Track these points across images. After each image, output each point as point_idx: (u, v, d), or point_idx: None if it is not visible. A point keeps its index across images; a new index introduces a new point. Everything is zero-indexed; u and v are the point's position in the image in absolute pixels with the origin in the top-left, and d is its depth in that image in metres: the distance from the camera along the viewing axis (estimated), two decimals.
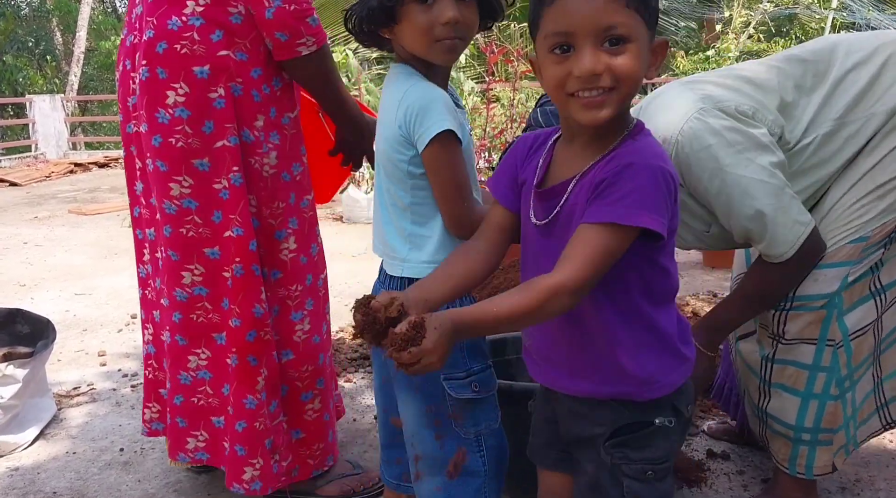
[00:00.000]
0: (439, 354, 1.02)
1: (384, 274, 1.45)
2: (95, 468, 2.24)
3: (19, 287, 4.29)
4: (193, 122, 1.70)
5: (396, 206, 1.38)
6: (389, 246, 1.40)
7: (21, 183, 8.96)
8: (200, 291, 1.80)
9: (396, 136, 1.32)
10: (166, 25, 1.69)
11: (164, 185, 1.74)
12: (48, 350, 2.46)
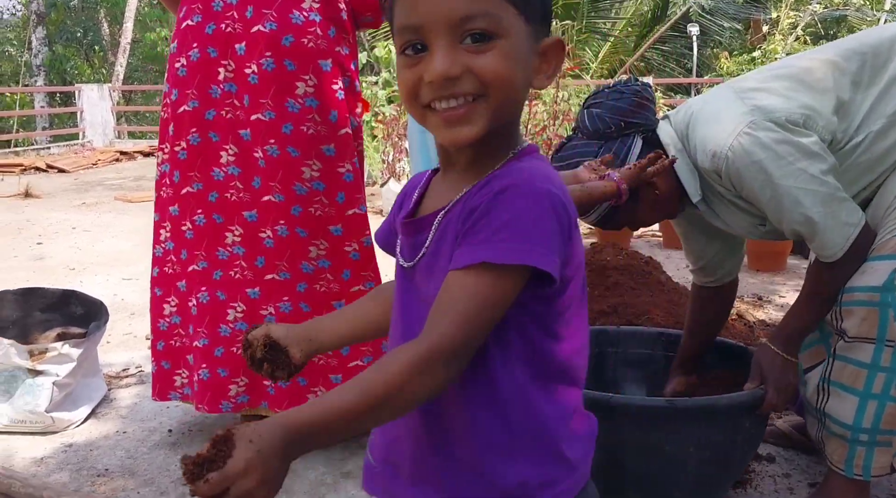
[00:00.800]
0: (260, 477, 0.71)
1: None
2: (145, 448, 2.29)
3: (69, 271, 4.40)
4: (322, 112, 1.94)
5: None
6: None
7: (69, 170, 9.17)
8: (324, 264, 2.03)
9: None
10: (289, 19, 1.88)
11: (295, 168, 1.95)
12: (101, 331, 2.53)
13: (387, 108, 7.33)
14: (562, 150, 1.80)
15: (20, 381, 2.32)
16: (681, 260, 4.24)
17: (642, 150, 1.72)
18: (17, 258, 4.69)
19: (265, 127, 1.94)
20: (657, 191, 1.72)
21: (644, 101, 1.74)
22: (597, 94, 1.80)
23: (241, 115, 1.97)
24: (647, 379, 2.19)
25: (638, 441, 1.66)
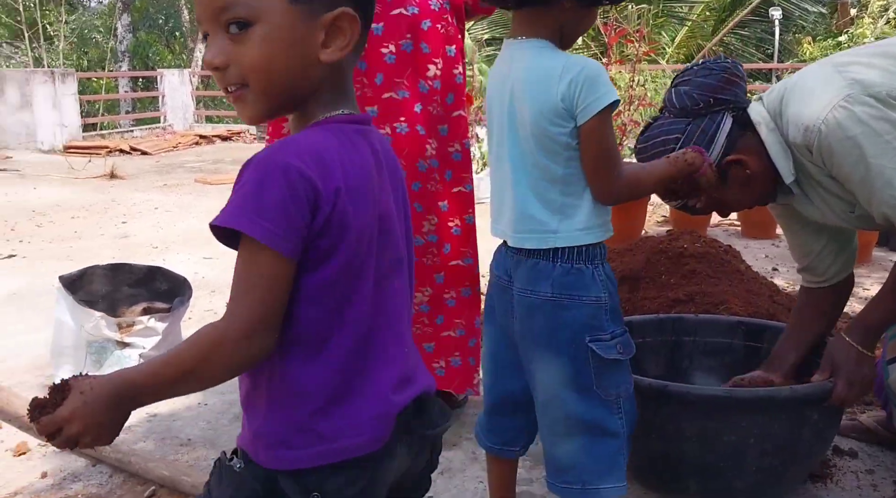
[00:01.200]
0: (85, 424, 0.82)
1: (514, 251, 1.46)
2: (225, 420, 2.37)
3: (152, 249, 4.57)
4: (443, 93, 2.07)
5: (544, 179, 1.39)
6: (534, 220, 1.41)
7: (151, 152, 9.49)
8: (432, 239, 2.15)
9: (557, 108, 1.33)
10: (429, 5, 2.03)
11: (421, 146, 2.06)
12: (185, 307, 2.62)
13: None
14: (647, 130, 1.75)
15: (109, 352, 2.43)
16: (759, 250, 4.14)
17: (732, 129, 1.65)
18: (104, 236, 4.89)
19: (397, 105, 2.03)
20: (748, 170, 1.66)
21: (734, 78, 1.67)
22: (685, 72, 1.74)
23: (370, 93, 2.03)
24: (724, 368, 2.15)
25: (697, 430, 1.64)
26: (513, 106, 1.40)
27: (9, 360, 2.84)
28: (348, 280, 0.92)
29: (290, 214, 0.84)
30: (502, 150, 1.45)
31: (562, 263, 1.40)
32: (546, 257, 1.40)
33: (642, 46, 5.89)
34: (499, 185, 1.49)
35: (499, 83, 1.44)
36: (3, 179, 7.27)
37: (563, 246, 1.39)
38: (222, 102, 19.27)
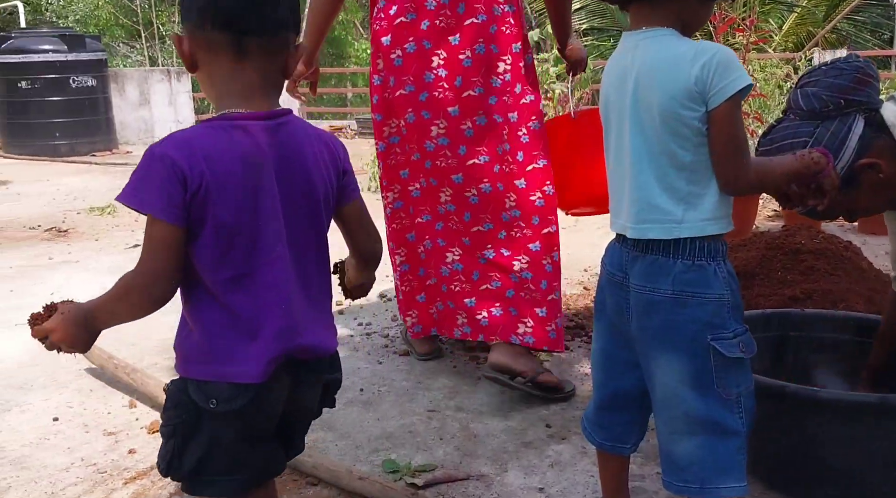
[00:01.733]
0: (62, 335, 1.19)
1: (631, 246, 1.46)
2: (340, 404, 2.45)
3: None
4: (513, 85, 2.35)
5: (672, 167, 1.38)
6: (658, 210, 1.40)
7: None
8: (516, 214, 2.41)
9: (690, 91, 1.33)
10: (493, 11, 2.30)
11: (498, 132, 2.37)
12: None
13: (557, 85, 7.28)
14: (771, 133, 1.70)
15: None
16: (878, 246, 3.96)
17: (864, 132, 1.59)
18: None
19: (474, 101, 2.35)
20: (881, 174, 1.59)
21: (866, 78, 1.61)
22: (812, 72, 1.68)
23: (451, 95, 2.35)
24: (833, 364, 2.09)
25: (844, 436, 1.60)
26: (637, 94, 1.40)
27: (140, 342, 3.04)
28: (223, 244, 1.19)
29: (169, 192, 1.13)
30: (622, 142, 1.45)
31: (683, 259, 1.39)
32: (666, 253, 1.40)
33: (751, 35, 5.70)
34: (617, 178, 1.49)
35: (619, 75, 1.45)
36: (126, 173, 7.69)
37: (687, 236, 1.38)
38: (323, 99, 19.81)
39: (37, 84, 8.99)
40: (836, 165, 1.53)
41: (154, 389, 2.45)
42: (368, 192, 6.41)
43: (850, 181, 1.59)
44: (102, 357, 2.68)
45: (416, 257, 2.60)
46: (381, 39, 2.38)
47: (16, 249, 4.60)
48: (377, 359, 2.84)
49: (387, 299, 3.54)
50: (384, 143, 2.54)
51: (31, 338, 1.24)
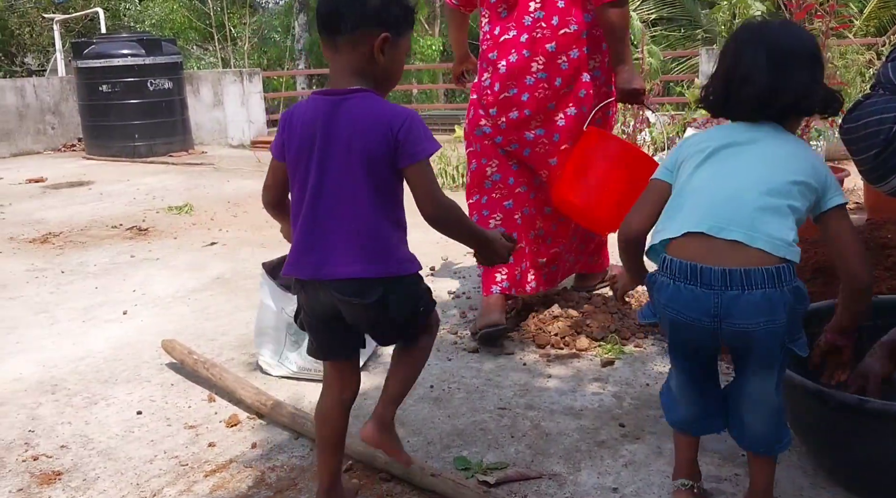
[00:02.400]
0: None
1: (723, 284, 1.53)
2: (411, 400, 2.48)
3: None
4: (605, 78, 3.01)
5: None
6: (769, 236, 1.53)
7: None
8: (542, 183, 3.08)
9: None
10: (583, 19, 2.85)
11: (583, 121, 2.93)
12: None
13: None
14: (857, 109, 1.64)
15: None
16: None
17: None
18: None
19: (568, 96, 2.91)
20: None
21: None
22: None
23: (551, 93, 2.89)
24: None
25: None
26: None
27: (218, 338, 3.13)
28: (290, 176, 1.71)
29: (277, 140, 1.73)
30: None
31: (788, 287, 1.51)
32: (772, 284, 1.50)
33: (831, 21, 5.48)
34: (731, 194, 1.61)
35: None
36: (201, 173, 7.93)
37: (794, 261, 1.53)
38: (388, 96, 19.86)
39: (117, 87, 9.32)
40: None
41: (232, 383, 2.51)
42: None
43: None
44: (183, 352, 2.76)
45: (513, 223, 3.04)
46: (490, 54, 2.95)
47: (100, 247, 4.79)
48: (447, 356, 2.85)
49: (455, 296, 3.55)
50: (479, 131, 3.05)
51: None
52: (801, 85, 1.55)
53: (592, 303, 3.22)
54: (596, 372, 2.64)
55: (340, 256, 1.64)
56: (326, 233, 1.65)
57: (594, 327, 2.97)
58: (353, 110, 1.63)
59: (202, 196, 6.47)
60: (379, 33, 1.63)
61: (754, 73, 1.57)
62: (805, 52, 1.57)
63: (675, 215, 1.63)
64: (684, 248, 1.57)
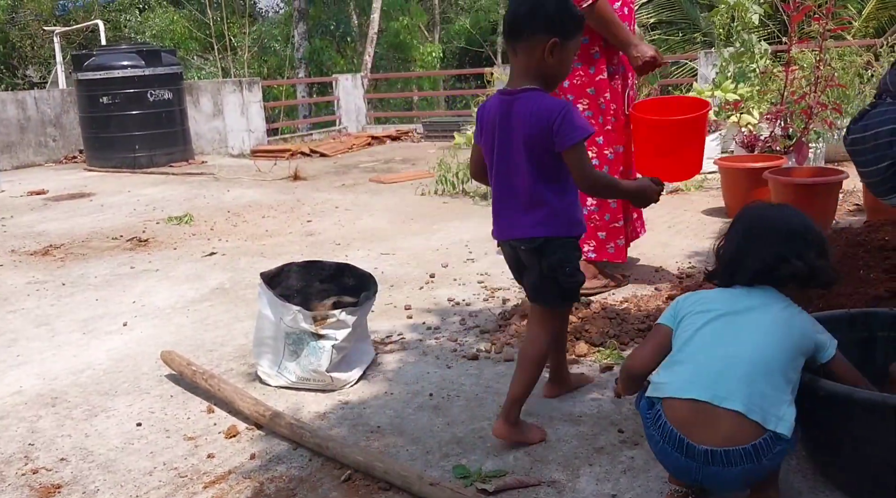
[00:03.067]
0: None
1: (703, 454, 1.69)
2: (410, 409, 2.48)
3: (335, 245, 4.84)
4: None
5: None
6: (763, 411, 1.68)
7: (329, 154, 10.01)
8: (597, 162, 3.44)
9: None
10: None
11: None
12: (371, 301, 2.77)
13: None
14: (864, 118, 1.65)
15: (305, 343, 2.61)
16: None
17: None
18: (292, 234, 5.23)
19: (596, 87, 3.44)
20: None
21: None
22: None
23: (587, 80, 3.42)
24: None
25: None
26: None
27: (217, 349, 3.13)
28: (486, 158, 2.21)
29: (477, 129, 2.23)
30: None
31: (768, 456, 1.65)
32: (752, 461, 1.65)
33: (829, 23, 5.49)
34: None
35: None
36: (202, 183, 7.95)
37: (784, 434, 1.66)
38: (389, 103, 19.99)
39: (117, 99, 9.36)
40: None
41: (230, 394, 2.51)
42: (434, 195, 6.45)
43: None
44: (182, 364, 2.76)
45: (607, 205, 3.50)
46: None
47: (100, 259, 4.80)
48: (446, 363, 2.85)
49: (454, 303, 3.55)
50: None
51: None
52: (768, 255, 1.77)
53: (591, 308, 3.22)
54: (595, 378, 2.63)
55: (516, 221, 2.15)
56: (505, 204, 2.17)
57: (593, 333, 2.97)
58: (521, 106, 2.08)
59: (202, 206, 6.49)
60: (549, 39, 2.04)
61: (729, 242, 1.88)
62: (779, 228, 1.80)
63: (678, 371, 1.75)
64: (679, 408, 1.70)
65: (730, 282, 1.86)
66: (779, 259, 1.77)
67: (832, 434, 1.70)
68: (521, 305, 3.32)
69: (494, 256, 4.34)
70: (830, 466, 1.83)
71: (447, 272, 4.10)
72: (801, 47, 6.30)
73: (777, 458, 1.66)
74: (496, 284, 3.80)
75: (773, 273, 1.78)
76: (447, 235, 4.95)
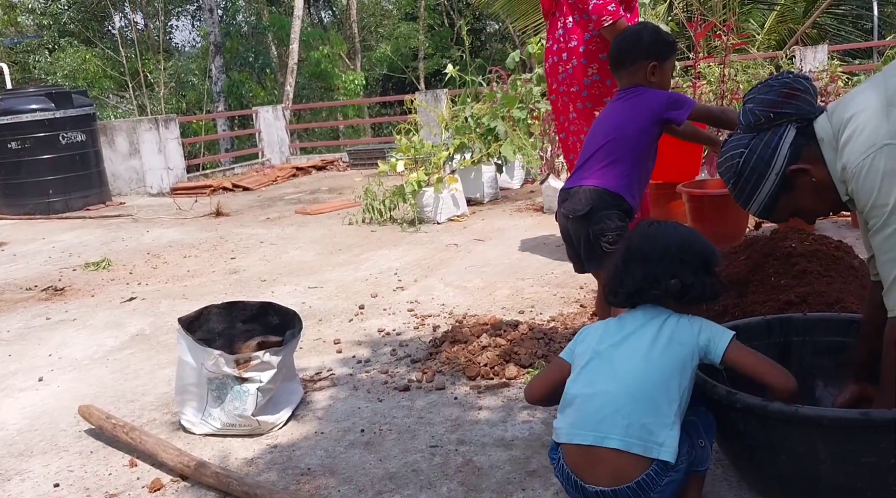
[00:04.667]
0: None
1: (594, 494, 1.75)
2: (341, 447, 2.44)
3: (261, 282, 4.75)
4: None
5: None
6: (643, 441, 1.71)
7: (252, 188, 9.87)
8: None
9: None
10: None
11: (590, 113, 3.80)
12: (296, 339, 2.72)
13: (542, 103, 7.31)
14: (724, 145, 1.90)
15: (229, 387, 2.55)
16: None
17: (795, 139, 1.76)
18: (215, 273, 5.12)
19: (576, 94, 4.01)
20: (813, 178, 1.75)
21: (794, 92, 1.79)
22: (752, 90, 1.88)
23: (564, 91, 4.07)
24: (839, 368, 2.08)
25: (833, 453, 1.59)
26: None
27: (138, 399, 3.02)
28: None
29: None
30: None
31: (657, 487, 1.68)
32: (640, 494, 1.68)
33: (731, 38, 5.72)
34: None
35: None
36: (119, 225, 7.72)
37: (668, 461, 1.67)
38: (315, 133, 19.89)
39: (27, 143, 9.03)
40: (769, 173, 1.77)
41: (152, 446, 2.42)
42: (362, 224, 6.42)
43: (786, 186, 1.77)
44: (101, 417, 2.65)
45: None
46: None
47: (13, 311, 4.59)
48: (377, 397, 2.82)
49: (385, 334, 3.52)
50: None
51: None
52: (639, 276, 1.83)
53: (519, 330, 3.24)
54: (525, 400, 2.64)
55: (588, 178, 2.63)
56: (592, 162, 2.64)
57: (522, 354, 2.98)
58: (624, 100, 2.65)
59: (120, 249, 6.29)
60: (648, 63, 2.58)
61: (612, 263, 1.95)
62: (654, 248, 1.85)
63: (567, 414, 1.79)
64: (572, 453, 1.75)
65: (613, 301, 1.93)
66: (648, 280, 1.82)
67: (750, 444, 1.74)
68: (450, 332, 3.32)
69: (424, 282, 4.34)
70: (750, 475, 1.87)
71: (377, 302, 4.07)
72: (709, 62, 6.55)
73: (667, 490, 1.67)
74: (426, 311, 3.79)
75: (645, 293, 1.83)
76: (376, 264, 4.92)
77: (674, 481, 1.68)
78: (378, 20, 24.88)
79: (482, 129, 7.01)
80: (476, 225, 6.02)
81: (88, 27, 21.32)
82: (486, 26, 23.38)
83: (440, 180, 6.17)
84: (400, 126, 7.30)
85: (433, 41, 22.75)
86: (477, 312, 3.68)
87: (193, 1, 22.71)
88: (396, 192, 6.36)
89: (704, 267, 1.84)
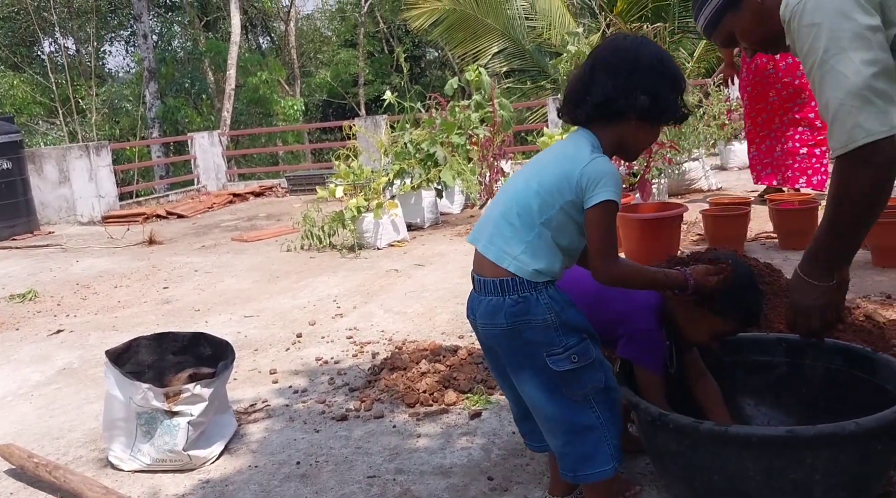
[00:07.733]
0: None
1: (476, 282, 1.87)
2: (276, 481, 2.38)
3: (194, 311, 4.64)
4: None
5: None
6: (499, 249, 1.80)
7: (187, 215, 9.68)
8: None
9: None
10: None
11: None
12: (229, 370, 2.65)
13: (480, 129, 7.38)
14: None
15: (159, 422, 2.47)
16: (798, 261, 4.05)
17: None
18: (147, 303, 4.98)
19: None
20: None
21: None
22: None
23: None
24: (769, 387, 2.14)
25: (761, 470, 1.62)
26: None
27: (64, 435, 2.90)
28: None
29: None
30: None
31: (511, 297, 1.72)
32: (497, 293, 1.74)
33: None
34: None
35: None
36: (47, 255, 7.46)
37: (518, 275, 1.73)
38: (253, 158, 19.65)
39: None
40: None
41: (77, 485, 2.32)
42: (301, 250, 6.34)
43: (733, 3, 1.82)
44: (22, 457, 2.54)
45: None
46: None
47: None
48: (314, 427, 2.76)
49: (323, 362, 3.47)
50: None
51: None
52: (610, 87, 1.70)
53: (459, 355, 3.23)
54: (464, 426, 2.63)
55: None
56: None
57: (461, 380, 2.97)
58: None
59: (48, 280, 6.08)
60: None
61: (576, 75, 1.80)
62: (628, 59, 1.71)
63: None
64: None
65: (572, 117, 1.79)
66: (619, 91, 1.69)
67: (682, 464, 1.75)
68: (389, 359, 3.29)
69: (363, 308, 4.30)
70: (683, 494, 1.89)
71: (315, 330, 4.01)
72: None
73: (519, 308, 1.71)
74: (365, 338, 3.75)
75: (613, 105, 1.70)
76: (314, 291, 4.86)
77: (527, 304, 1.71)
78: (317, 46, 24.87)
79: (422, 154, 7.03)
80: (417, 250, 6.01)
81: (16, 52, 20.75)
82: (426, 53, 23.59)
83: (380, 206, 6.16)
84: (339, 152, 7.27)
85: (373, 68, 22.83)
86: (417, 337, 3.66)
87: (128, 26, 22.31)
88: (336, 217, 6.32)
89: (676, 86, 1.74)
